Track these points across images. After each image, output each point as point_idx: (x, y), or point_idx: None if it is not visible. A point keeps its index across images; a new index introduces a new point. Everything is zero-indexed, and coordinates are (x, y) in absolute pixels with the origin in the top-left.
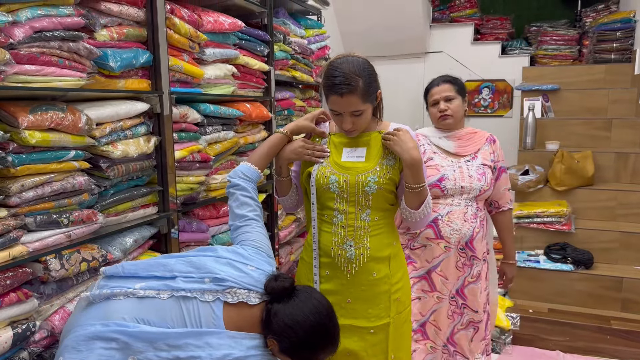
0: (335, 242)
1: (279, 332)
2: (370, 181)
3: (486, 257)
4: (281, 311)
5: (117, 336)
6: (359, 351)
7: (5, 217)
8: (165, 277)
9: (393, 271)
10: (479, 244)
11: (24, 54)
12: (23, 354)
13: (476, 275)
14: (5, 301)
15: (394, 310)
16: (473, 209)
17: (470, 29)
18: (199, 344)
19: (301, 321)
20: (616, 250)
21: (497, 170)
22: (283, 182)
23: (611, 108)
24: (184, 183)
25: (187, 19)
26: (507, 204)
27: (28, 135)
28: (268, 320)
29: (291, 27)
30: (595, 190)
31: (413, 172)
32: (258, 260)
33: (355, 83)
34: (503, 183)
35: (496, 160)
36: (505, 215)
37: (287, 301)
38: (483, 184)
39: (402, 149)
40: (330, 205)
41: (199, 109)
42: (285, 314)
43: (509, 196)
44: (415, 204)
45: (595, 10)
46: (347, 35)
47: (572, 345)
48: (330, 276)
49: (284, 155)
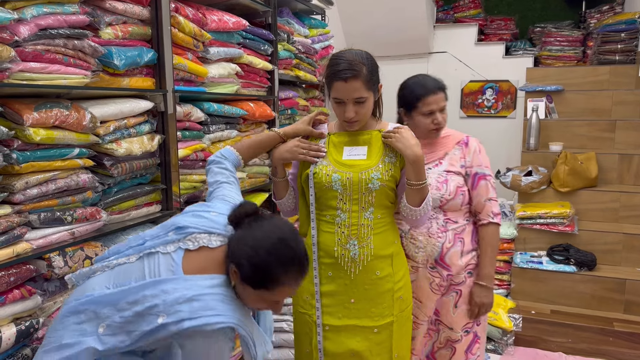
0: (339, 242)
1: (240, 256)
2: (373, 178)
3: (474, 271)
4: (242, 236)
5: (85, 307)
6: (363, 351)
7: (10, 214)
8: (138, 244)
9: (395, 269)
10: (455, 260)
11: (29, 52)
12: (26, 351)
13: (448, 291)
14: (8, 298)
15: (397, 309)
16: (440, 222)
17: (474, 29)
18: (155, 293)
19: (262, 239)
20: (619, 252)
21: (472, 178)
22: (278, 184)
23: (615, 109)
24: (187, 181)
25: (192, 18)
26: (488, 217)
27: (33, 132)
28: (230, 252)
29: (295, 27)
30: (599, 192)
31: (415, 169)
32: (222, 207)
33: (359, 68)
34: (482, 192)
35: (468, 166)
36: (485, 230)
37: (250, 227)
38: (444, 193)
39: (404, 146)
40: (332, 204)
41: (202, 107)
42: (246, 238)
43: (490, 208)
44: (416, 201)
45: (599, 11)
46: (351, 35)
47: (575, 347)
48: (333, 277)
49: (278, 155)
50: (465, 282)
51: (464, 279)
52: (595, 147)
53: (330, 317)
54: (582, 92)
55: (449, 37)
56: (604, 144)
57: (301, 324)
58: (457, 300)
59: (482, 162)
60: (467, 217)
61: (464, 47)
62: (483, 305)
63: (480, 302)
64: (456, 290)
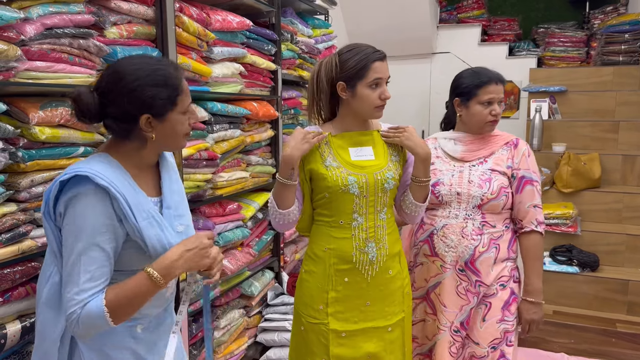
0: (357, 247)
1: (103, 92)
2: (388, 178)
3: (509, 283)
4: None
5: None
6: (379, 352)
7: (15, 212)
8: None
9: (402, 266)
10: (486, 267)
11: (35, 51)
12: (31, 348)
13: (478, 303)
14: (14, 295)
15: (406, 304)
16: (476, 223)
17: (478, 30)
18: None
19: (124, 69)
20: (622, 253)
21: (518, 181)
22: (289, 189)
23: (618, 110)
24: (191, 181)
25: (196, 18)
26: (532, 224)
27: (38, 131)
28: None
29: (299, 27)
30: (602, 193)
31: (425, 165)
32: None
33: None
34: (527, 198)
35: (515, 168)
36: (529, 239)
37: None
38: (485, 191)
39: (415, 144)
40: (348, 208)
41: (206, 107)
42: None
43: (535, 215)
44: (422, 197)
45: (603, 12)
46: (354, 35)
47: (577, 348)
48: (349, 282)
49: (295, 151)
50: (496, 295)
51: (496, 291)
52: (598, 147)
53: (345, 323)
54: (585, 92)
55: (452, 38)
56: (607, 145)
57: (315, 334)
58: (485, 313)
59: (530, 167)
60: (507, 224)
61: (467, 47)
62: (534, 322)
63: (531, 320)
64: (486, 303)
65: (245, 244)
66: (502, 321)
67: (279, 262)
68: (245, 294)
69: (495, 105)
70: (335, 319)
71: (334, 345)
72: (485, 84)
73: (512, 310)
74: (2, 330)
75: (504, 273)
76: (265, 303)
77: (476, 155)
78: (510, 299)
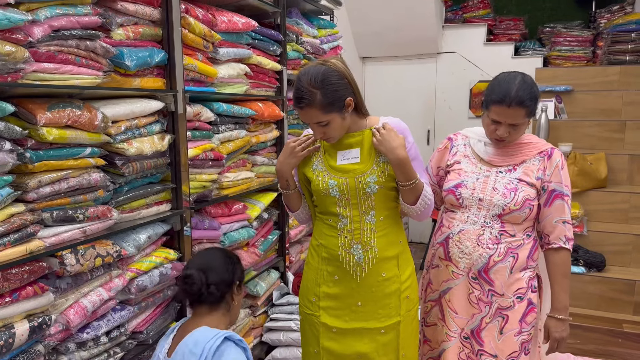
0: (342, 247)
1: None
2: (370, 182)
3: (526, 295)
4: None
5: None
6: (370, 352)
7: (23, 212)
8: None
9: (401, 270)
10: (501, 277)
11: (42, 52)
12: (39, 347)
13: (494, 314)
14: (22, 295)
15: (404, 309)
16: (494, 232)
17: (483, 29)
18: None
19: (211, 260)
20: (629, 253)
21: (548, 194)
22: (292, 196)
23: (625, 110)
24: (197, 181)
25: (202, 19)
26: (560, 241)
27: (46, 132)
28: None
29: (304, 27)
30: (608, 193)
31: (401, 170)
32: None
33: (312, 97)
34: (556, 212)
35: (546, 180)
36: (557, 256)
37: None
38: (509, 201)
39: (386, 149)
40: (333, 210)
41: (212, 107)
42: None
43: (564, 231)
44: (411, 199)
45: (609, 11)
46: (360, 36)
47: (583, 348)
48: (339, 280)
49: (285, 165)
50: (513, 307)
51: (512, 304)
52: (604, 147)
53: (337, 320)
54: (591, 92)
55: (458, 37)
56: (613, 145)
57: (308, 324)
58: (502, 325)
59: (562, 180)
60: (529, 232)
61: (473, 47)
62: (562, 340)
63: (560, 337)
64: (502, 315)
65: (250, 244)
66: (520, 333)
67: (284, 262)
68: (251, 294)
69: (500, 127)
70: (327, 313)
71: (325, 338)
72: (495, 103)
73: (528, 321)
74: (10, 330)
75: (521, 285)
76: (270, 303)
77: (505, 161)
78: (527, 310)
